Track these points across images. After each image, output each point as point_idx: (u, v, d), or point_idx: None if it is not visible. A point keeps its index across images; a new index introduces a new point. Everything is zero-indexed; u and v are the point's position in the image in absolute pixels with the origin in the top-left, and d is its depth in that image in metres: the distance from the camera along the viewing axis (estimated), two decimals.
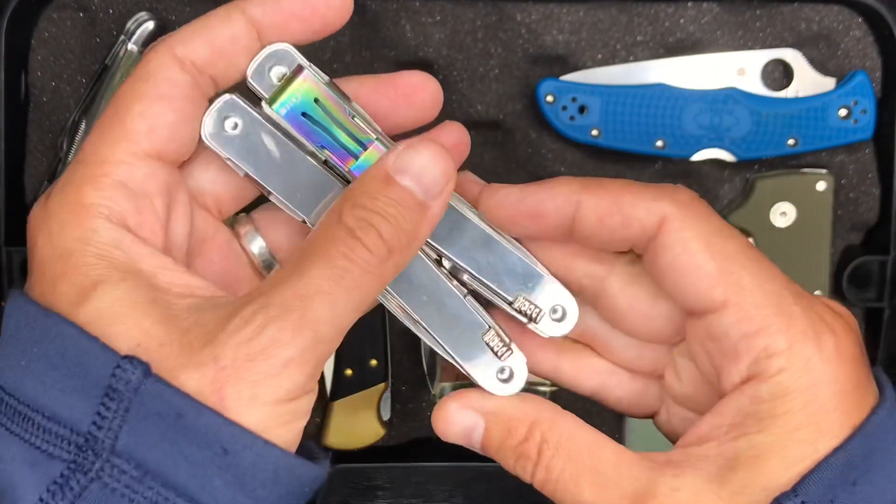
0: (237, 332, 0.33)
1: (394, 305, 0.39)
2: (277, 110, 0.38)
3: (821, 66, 0.60)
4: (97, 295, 0.34)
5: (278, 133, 0.38)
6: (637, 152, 0.60)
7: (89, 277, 0.34)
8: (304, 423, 0.35)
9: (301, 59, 0.38)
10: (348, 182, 0.38)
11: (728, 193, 0.61)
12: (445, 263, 0.39)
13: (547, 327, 0.40)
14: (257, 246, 0.41)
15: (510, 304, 0.39)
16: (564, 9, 0.59)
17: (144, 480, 0.32)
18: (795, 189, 0.60)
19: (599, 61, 0.60)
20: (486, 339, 0.39)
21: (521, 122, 0.61)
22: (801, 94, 0.60)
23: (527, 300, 0.39)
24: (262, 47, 0.38)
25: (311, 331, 0.33)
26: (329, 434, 0.63)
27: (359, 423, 0.63)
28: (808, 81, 0.60)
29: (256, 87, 0.38)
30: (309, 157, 0.38)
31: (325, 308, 0.34)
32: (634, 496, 0.35)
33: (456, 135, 0.41)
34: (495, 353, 0.39)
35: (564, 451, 0.36)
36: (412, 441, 0.64)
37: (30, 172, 0.59)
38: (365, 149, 0.38)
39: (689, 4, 0.60)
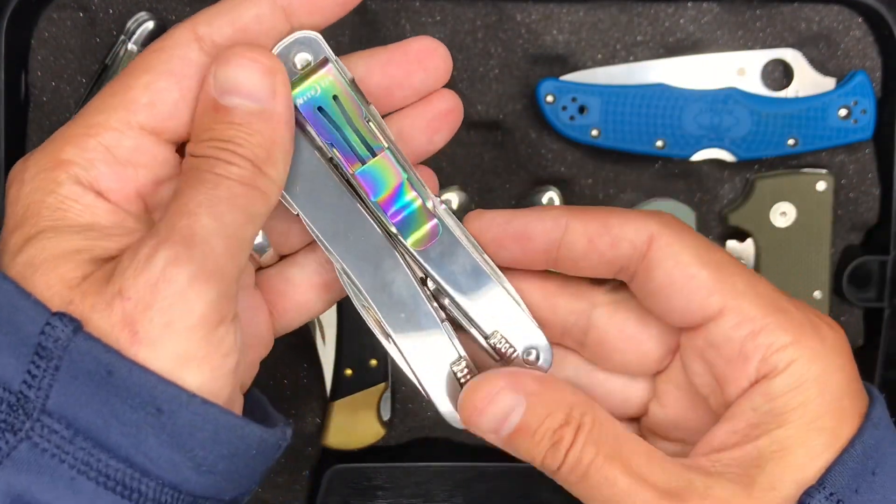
0: (133, 260, 0.32)
1: (371, 318, 0.38)
2: (294, 98, 0.37)
3: (821, 66, 0.60)
4: (30, 244, 0.33)
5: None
6: (637, 152, 0.60)
7: (36, 227, 0.34)
8: (229, 364, 0.33)
9: (328, 52, 0.37)
10: (350, 184, 0.38)
11: (728, 193, 0.61)
12: (430, 284, 0.39)
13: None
14: None
15: (486, 338, 0.39)
16: (564, 9, 0.59)
17: (75, 441, 0.31)
18: (795, 189, 0.60)
19: (599, 61, 0.60)
20: (454, 367, 0.39)
21: (521, 122, 0.61)
22: (801, 94, 0.60)
23: (503, 338, 0.39)
24: (291, 30, 0.37)
25: (204, 244, 0.32)
26: (329, 434, 0.63)
27: (359, 423, 0.63)
28: (808, 81, 0.60)
29: None
30: (316, 152, 0.38)
31: (210, 219, 0.33)
32: (669, 490, 0.35)
33: (447, 101, 0.40)
34: (461, 384, 0.38)
35: (599, 435, 0.36)
36: (412, 441, 0.64)
37: None
38: (374, 155, 0.37)
39: (689, 4, 0.60)
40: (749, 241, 0.61)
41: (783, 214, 0.61)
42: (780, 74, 0.60)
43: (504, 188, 0.62)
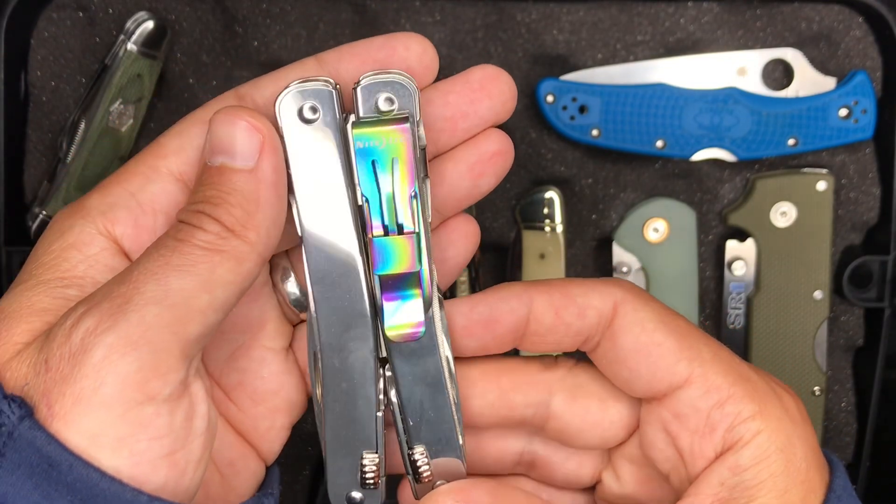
0: (60, 329, 0.30)
1: (317, 389, 0.37)
2: (355, 139, 0.34)
3: (821, 66, 0.60)
4: (10, 295, 0.32)
5: (339, 150, 0.35)
6: (637, 152, 0.60)
7: (28, 274, 0.33)
8: (159, 448, 0.30)
9: (415, 110, 0.35)
10: (364, 241, 0.36)
11: (728, 193, 0.61)
12: (387, 371, 0.37)
13: (422, 492, 0.38)
14: (290, 284, 0.38)
15: (410, 448, 0.38)
16: (564, 9, 0.59)
17: None
18: (796, 189, 0.60)
19: (599, 61, 0.60)
20: (365, 459, 0.37)
21: (521, 122, 0.61)
22: (802, 94, 0.60)
23: (425, 458, 0.37)
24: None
25: (138, 314, 0.30)
26: None
27: None
28: (808, 81, 0.60)
29: (358, 100, 0.35)
30: (348, 190, 0.35)
31: (152, 287, 0.30)
32: None
33: (495, 142, 0.38)
34: (363, 479, 0.37)
35: None
36: None
37: (29, 172, 0.59)
38: (400, 233, 0.35)
39: (690, 4, 0.60)
40: (749, 241, 0.61)
41: (783, 214, 0.60)
42: (780, 74, 0.60)
43: (504, 188, 0.61)
